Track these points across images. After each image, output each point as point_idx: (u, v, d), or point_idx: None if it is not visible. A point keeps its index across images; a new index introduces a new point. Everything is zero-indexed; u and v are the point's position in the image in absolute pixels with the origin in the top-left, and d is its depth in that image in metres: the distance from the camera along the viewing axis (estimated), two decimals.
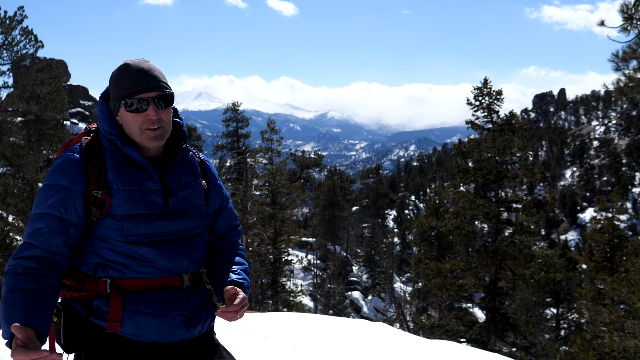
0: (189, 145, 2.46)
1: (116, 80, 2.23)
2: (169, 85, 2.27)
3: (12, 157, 18.54)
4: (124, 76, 2.20)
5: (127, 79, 2.19)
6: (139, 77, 2.18)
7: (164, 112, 2.23)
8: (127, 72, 2.20)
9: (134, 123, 2.20)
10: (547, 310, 30.10)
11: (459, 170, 19.65)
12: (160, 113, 2.21)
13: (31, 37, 17.66)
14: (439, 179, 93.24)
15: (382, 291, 46.04)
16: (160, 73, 2.26)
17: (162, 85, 2.22)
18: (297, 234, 27.93)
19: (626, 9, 8.52)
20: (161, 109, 2.21)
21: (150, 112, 2.18)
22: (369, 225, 56.12)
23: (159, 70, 2.27)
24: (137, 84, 2.17)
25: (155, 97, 2.20)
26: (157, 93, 2.20)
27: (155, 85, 2.20)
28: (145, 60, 2.25)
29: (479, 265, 18.98)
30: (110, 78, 2.27)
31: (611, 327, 15.99)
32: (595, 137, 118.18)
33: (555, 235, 76.72)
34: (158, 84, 2.21)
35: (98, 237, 2.18)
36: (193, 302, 2.27)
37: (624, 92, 9.32)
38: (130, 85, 2.18)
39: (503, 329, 18.79)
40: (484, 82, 19.39)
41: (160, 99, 2.21)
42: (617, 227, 23.05)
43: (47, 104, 19.83)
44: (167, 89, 2.24)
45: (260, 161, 30.11)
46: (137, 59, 2.25)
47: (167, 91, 2.23)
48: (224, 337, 3.01)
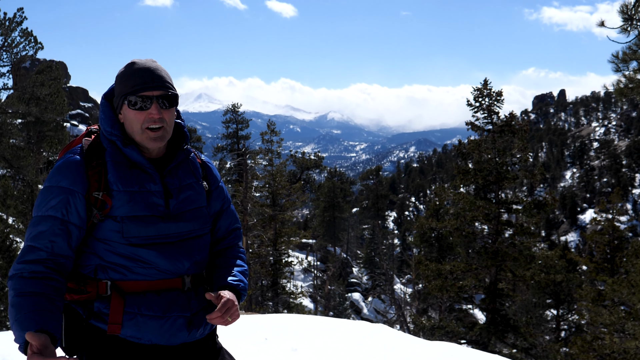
0: (191, 147, 2.45)
1: (122, 77, 2.23)
2: (173, 87, 2.26)
3: (12, 158, 18.55)
4: (130, 74, 2.20)
5: (132, 77, 2.19)
6: (144, 76, 2.18)
7: (167, 113, 2.22)
8: (133, 70, 2.21)
9: (136, 121, 2.19)
10: (548, 311, 30.06)
11: (459, 172, 19.65)
12: (163, 113, 2.20)
13: (31, 38, 17.66)
14: (439, 180, 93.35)
15: (383, 293, 45.98)
16: (166, 74, 2.26)
17: (166, 86, 2.22)
18: (297, 236, 27.92)
19: (626, 9, 8.50)
20: (164, 109, 2.21)
21: (153, 111, 2.18)
22: (369, 227, 56.11)
23: (165, 71, 2.26)
24: (142, 82, 2.17)
25: (159, 97, 2.19)
26: (160, 92, 2.20)
27: (159, 84, 2.20)
28: (152, 61, 2.25)
29: (479, 266, 18.97)
30: (116, 76, 2.27)
31: (611, 329, 15.98)
32: (595, 139, 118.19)
33: (555, 236, 76.72)
34: (163, 84, 2.21)
35: (98, 238, 2.17)
36: (194, 305, 2.26)
37: (624, 93, 9.31)
38: (134, 82, 2.18)
39: (503, 331, 18.78)
40: (484, 84, 19.40)
41: (164, 99, 2.20)
42: (617, 229, 23.03)
43: (47, 106, 19.85)
44: (172, 90, 2.24)
45: (261, 163, 30.14)
46: (145, 59, 2.25)
47: (171, 92, 2.23)
48: (224, 339, 3.01)
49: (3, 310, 17.20)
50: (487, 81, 19.42)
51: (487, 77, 19.81)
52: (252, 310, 23.27)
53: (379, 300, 46.18)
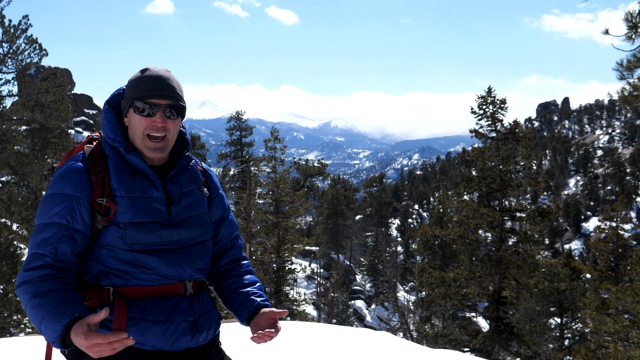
0: (192, 154, 2.46)
1: (133, 81, 2.24)
2: (183, 99, 2.27)
3: (16, 165, 18.58)
4: (142, 79, 2.22)
5: (144, 82, 2.20)
6: (155, 83, 2.20)
7: (172, 123, 2.23)
8: (145, 76, 2.22)
9: (139, 126, 2.20)
10: (551, 319, 29.97)
11: (462, 179, 19.64)
12: (168, 122, 2.21)
13: (36, 45, 17.73)
14: (442, 187, 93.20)
15: (386, 300, 45.95)
16: (178, 85, 2.27)
17: (176, 96, 2.23)
18: (300, 243, 27.88)
19: (630, 17, 8.52)
20: (170, 118, 2.22)
21: (157, 119, 2.18)
22: (373, 234, 56.04)
23: (178, 83, 2.27)
24: (151, 89, 2.18)
25: (166, 106, 2.20)
26: (169, 102, 2.21)
27: (168, 94, 2.20)
28: (166, 70, 2.27)
29: (483, 274, 18.94)
30: (129, 79, 2.28)
31: (615, 337, 15.91)
32: (599, 146, 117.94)
33: (559, 244, 76.50)
34: (172, 94, 2.22)
35: (101, 245, 2.17)
36: (197, 309, 2.27)
37: (629, 101, 9.31)
38: (144, 88, 2.19)
39: (507, 339, 18.72)
40: (488, 91, 19.41)
41: (171, 109, 2.22)
42: (621, 237, 22.94)
43: (52, 113, 19.89)
44: (180, 101, 2.24)
45: (264, 170, 30.12)
46: (160, 67, 2.27)
47: (180, 103, 2.24)
48: (226, 346, 3.00)
49: (7, 317, 17.21)
50: (491, 89, 19.43)
51: (489, 84, 19.82)
52: None
53: (382, 308, 46.09)
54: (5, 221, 18.73)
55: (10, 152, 18.53)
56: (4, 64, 17.51)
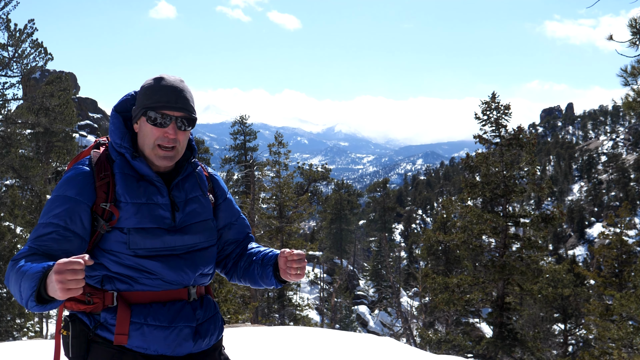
0: (198, 160, 2.46)
1: (147, 89, 2.24)
2: (195, 111, 2.29)
3: (20, 169, 18.63)
4: (156, 88, 2.22)
5: (158, 92, 2.21)
6: (170, 94, 2.21)
7: (182, 134, 2.25)
8: (161, 85, 2.23)
9: (151, 136, 2.21)
10: (555, 325, 29.89)
11: (466, 185, 19.62)
12: (178, 134, 2.23)
13: (41, 49, 17.81)
14: (446, 193, 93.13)
15: (389, 305, 45.90)
16: (191, 96, 2.29)
17: (188, 108, 2.25)
18: (304, 248, 27.90)
19: (635, 23, 8.51)
20: (181, 130, 2.24)
21: (170, 130, 2.21)
22: (376, 239, 56.03)
23: (191, 94, 2.29)
24: (166, 100, 2.20)
25: (179, 117, 2.22)
26: (182, 114, 2.22)
27: (182, 106, 2.22)
28: (180, 80, 2.28)
29: (487, 280, 18.90)
30: (142, 86, 2.29)
31: (619, 343, 15.87)
32: (603, 152, 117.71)
33: (563, 250, 76.36)
34: (185, 106, 2.23)
35: (105, 249, 2.18)
36: (200, 315, 2.28)
37: (633, 107, 9.29)
38: (159, 98, 2.20)
39: (510, 345, 18.67)
40: (492, 97, 19.40)
41: (183, 120, 2.23)
42: (625, 243, 22.89)
43: (56, 116, 19.97)
44: (193, 114, 2.26)
45: (268, 174, 30.16)
46: (174, 77, 2.27)
47: (192, 115, 2.26)
48: (230, 351, 3.01)
49: (10, 321, 17.23)
50: (495, 94, 19.41)
51: (492, 89, 19.82)
52: (259, 322, 23.22)
53: (386, 313, 46.04)
54: (9, 224, 18.78)
55: (14, 156, 18.59)
56: (9, 68, 17.58)
